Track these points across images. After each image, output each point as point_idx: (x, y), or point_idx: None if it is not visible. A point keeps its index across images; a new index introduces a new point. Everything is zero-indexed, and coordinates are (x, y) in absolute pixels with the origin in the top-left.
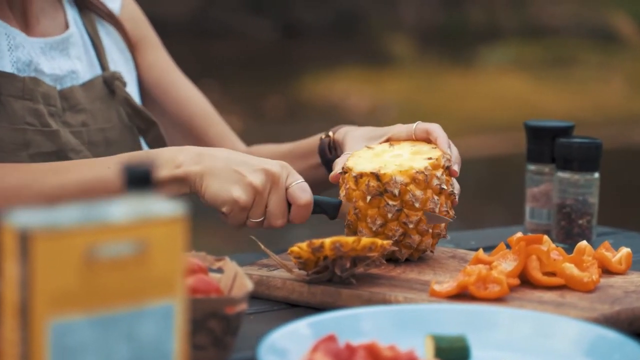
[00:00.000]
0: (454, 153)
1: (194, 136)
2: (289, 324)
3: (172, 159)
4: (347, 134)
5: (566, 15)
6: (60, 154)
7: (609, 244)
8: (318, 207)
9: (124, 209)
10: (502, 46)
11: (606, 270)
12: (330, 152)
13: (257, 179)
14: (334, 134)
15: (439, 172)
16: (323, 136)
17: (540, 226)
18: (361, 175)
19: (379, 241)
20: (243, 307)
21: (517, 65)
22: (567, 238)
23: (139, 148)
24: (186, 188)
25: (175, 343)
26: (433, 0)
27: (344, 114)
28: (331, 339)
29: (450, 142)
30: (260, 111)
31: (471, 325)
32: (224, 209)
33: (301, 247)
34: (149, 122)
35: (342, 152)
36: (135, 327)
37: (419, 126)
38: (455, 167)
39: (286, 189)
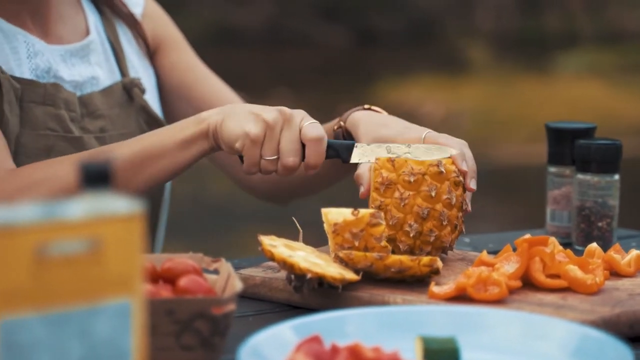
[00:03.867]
0: (470, 166)
1: None
2: (272, 326)
3: (197, 117)
4: (356, 126)
5: None
6: None
7: (620, 246)
8: (332, 150)
9: (79, 206)
10: (579, 52)
11: (615, 273)
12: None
13: (269, 115)
14: (345, 122)
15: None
16: (335, 127)
17: (561, 229)
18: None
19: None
20: (231, 307)
21: (594, 71)
22: (587, 241)
23: None
24: (209, 142)
25: (133, 341)
26: (510, 6)
27: (417, 121)
28: (315, 339)
29: (466, 153)
30: (333, 119)
31: (461, 327)
32: (237, 145)
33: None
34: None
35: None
36: (89, 325)
37: (429, 138)
38: (472, 184)
39: (300, 130)
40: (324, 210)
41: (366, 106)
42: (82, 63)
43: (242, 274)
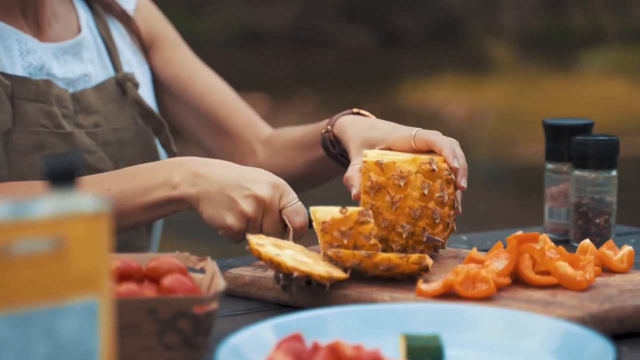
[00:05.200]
0: (461, 164)
1: (218, 126)
2: (252, 326)
3: (168, 180)
4: (344, 130)
5: None
6: None
7: (613, 243)
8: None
9: (44, 205)
10: (604, 50)
11: (608, 270)
12: (333, 146)
13: (248, 207)
14: (332, 127)
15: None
16: (323, 130)
17: (559, 226)
18: (379, 187)
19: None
20: (213, 306)
21: (619, 69)
22: (585, 237)
23: (154, 148)
24: (184, 207)
25: (100, 340)
26: (533, 5)
27: (441, 121)
28: (296, 338)
29: (457, 151)
30: None
31: (444, 324)
32: (220, 232)
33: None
34: (159, 123)
35: (342, 146)
36: (55, 323)
37: (419, 136)
38: (463, 182)
39: (281, 210)
40: (312, 209)
41: (354, 110)
42: (74, 60)
43: (232, 273)
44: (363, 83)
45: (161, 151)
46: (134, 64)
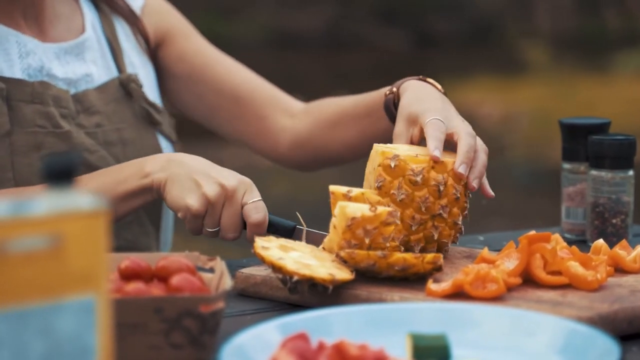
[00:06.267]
0: (478, 166)
1: (243, 106)
2: (256, 325)
3: (140, 170)
4: (403, 94)
5: None
6: None
7: (627, 243)
8: (272, 227)
9: (41, 203)
10: (639, 51)
11: (621, 270)
12: (395, 108)
13: (211, 191)
14: (397, 89)
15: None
16: (387, 92)
17: (576, 226)
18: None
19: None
20: (220, 305)
21: None
22: (601, 238)
23: (156, 145)
24: (153, 195)
25: (97, 337)
26: (569, 6)
27: (476, 123)
28: (301, 337)
29: (480, 147)
30: None
31: (451, 324)
32: (179, 214)
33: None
34: (164, 115)
35: None
36: (52, 321)
37: (433, 123)
38: (475, 183)
39: (242, 206)
40: (341, 204)
41: (421, 77)
42: (76, 61)
43: (244, 272)
44: None
45: (164, 149)
46: (138, 65)
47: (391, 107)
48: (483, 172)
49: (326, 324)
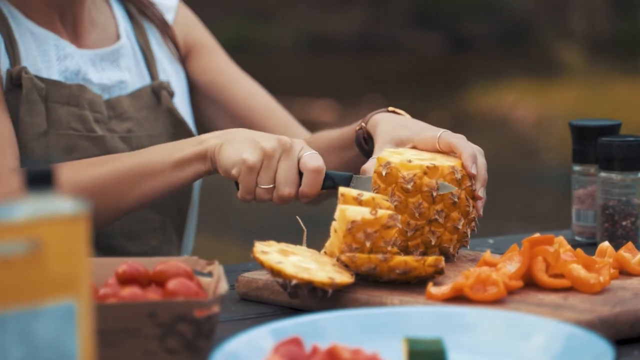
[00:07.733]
0: (481, 174)
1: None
2: (249, 330)
3: (197, 138)
4: (376, 127)
5: None
6: None
7: (632, 245)
8: (329, 180)
9: (20, 208)
10: None
11: (626, 272)
12: (366, 143)
13: (268, 144)
14: (366, 124)
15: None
16: (357, 128)
17: (586, 228)
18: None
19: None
20: (215, 310)
21: None
22: (611, 240)
23: None
24: (206, 165)
25: (78, 342)
26: (604, 9)
27: (510, 126)
28: (294, 342)
29: (479, 159)
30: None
31: (446, 328)
32: (234, 171)
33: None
34: (188, 133)
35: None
36: (30, 326)
37: (443, 138)
38: (480, 192)
39: (298, 160)
40: (340, 207)
41: (390, 109)
42: (111, 67)
43: (246, 276)
44: (432, 88)
45: None
46: (170, 72)
47: (361, 141)
48: (486, 177)
49: (320, 329)
